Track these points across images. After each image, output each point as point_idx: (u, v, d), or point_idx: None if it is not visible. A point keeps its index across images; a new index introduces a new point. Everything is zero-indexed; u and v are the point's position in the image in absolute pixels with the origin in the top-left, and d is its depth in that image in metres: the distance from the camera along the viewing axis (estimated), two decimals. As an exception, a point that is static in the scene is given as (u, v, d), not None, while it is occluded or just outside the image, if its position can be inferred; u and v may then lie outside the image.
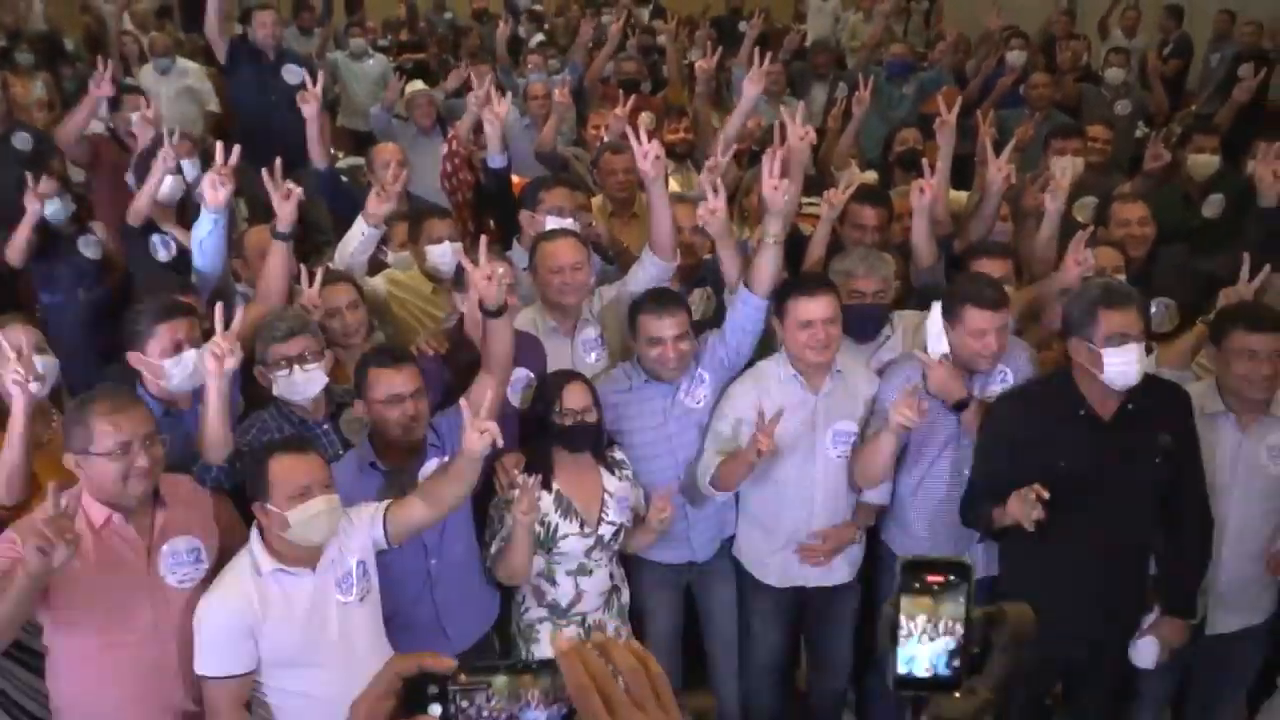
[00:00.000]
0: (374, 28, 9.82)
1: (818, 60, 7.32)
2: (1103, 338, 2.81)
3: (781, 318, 3.20)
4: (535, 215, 3.90)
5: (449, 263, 3.72)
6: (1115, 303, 2.83)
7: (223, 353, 2.73)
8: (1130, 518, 2.98)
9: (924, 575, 0.96)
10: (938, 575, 0.97)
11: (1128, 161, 5.52)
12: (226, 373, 2.75)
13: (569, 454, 3.13)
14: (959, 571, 0.97)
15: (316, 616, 2.62)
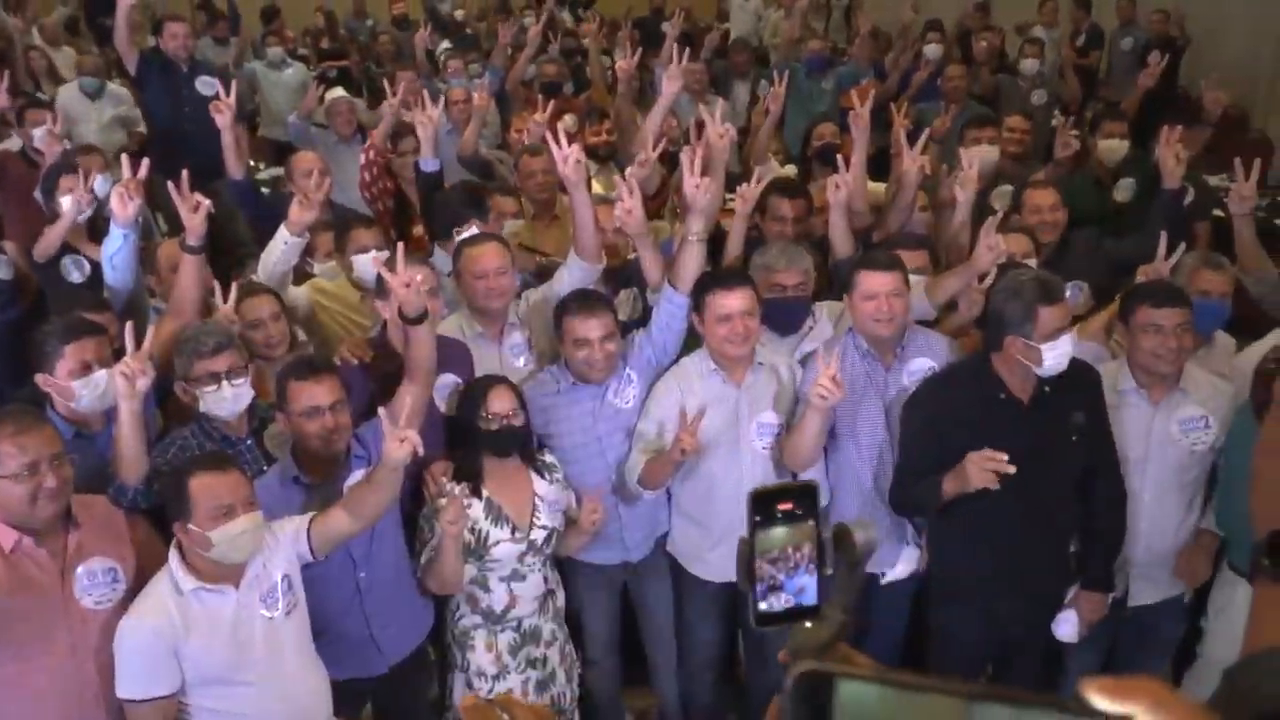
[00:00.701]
0: (292, 36, 9.69)
1: (738, 58, 7.38)
2: (1042, 334, 2.88)
3: (700, 313, 3.22)
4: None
5: (375, 272, 3.69)
6: (1053, 299, 2.91)
7: (133, 373, 2.67)
8: (1051, 497, 3.05)
9: (774, 506, 0.94)
10: (786, 503, 0.94)
11: (1045, 150, 5.63)
12: (138, 393, 2.69)
13: (497, 459, 3.11)
14: (806, 495, 0.95)
15: (241, 633, 2.57)
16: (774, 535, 0.94)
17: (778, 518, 0.93)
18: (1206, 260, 3.50)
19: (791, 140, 6.29)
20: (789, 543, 0.94)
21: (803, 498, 0.95)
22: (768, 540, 0.93)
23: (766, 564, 0.93)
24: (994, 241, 3.32)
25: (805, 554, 0.94)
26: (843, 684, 0.58)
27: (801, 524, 0.94)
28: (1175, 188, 4.01)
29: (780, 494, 0.94)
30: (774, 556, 0.94)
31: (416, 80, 6.30)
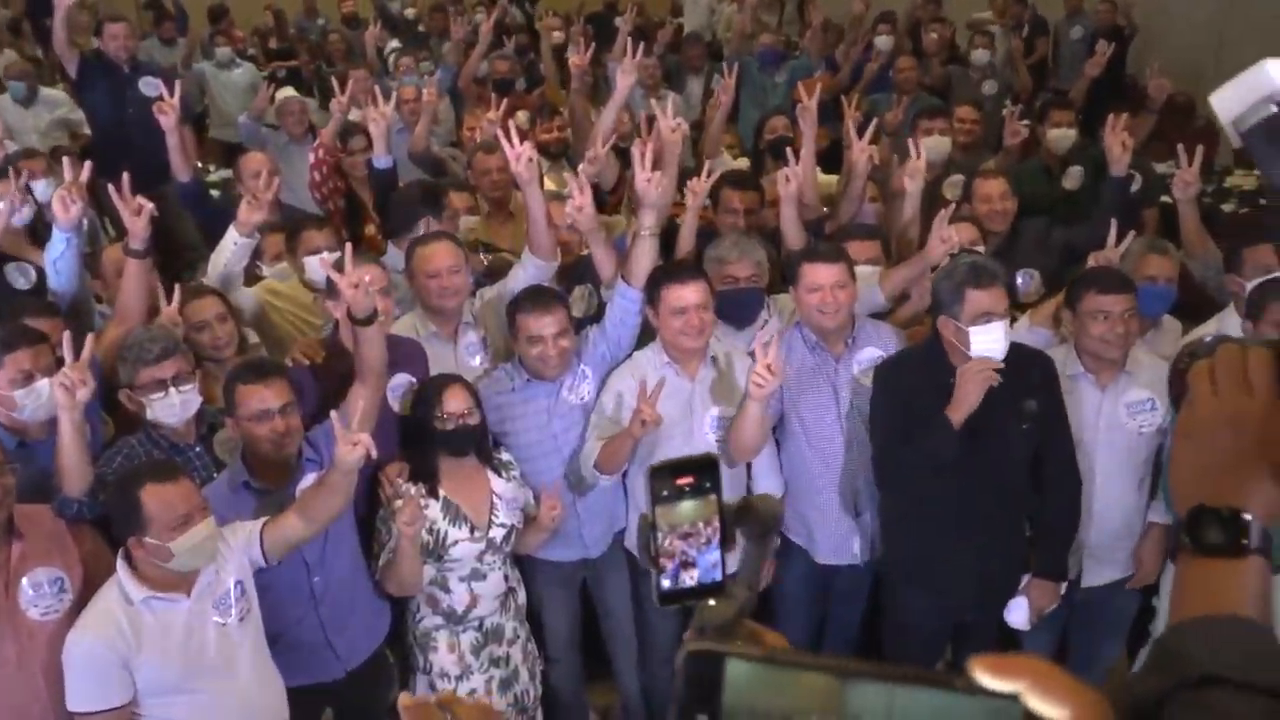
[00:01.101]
0: (241, 36, 9.57)
1: (692, 53, 7.38)
2: (969, 316, 2.92)
3: (655, 306, 3.22)
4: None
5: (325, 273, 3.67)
6: (982, 282, 2.94)
7: (72, 383, 2.60)
8: (1003, 483, 3.08)
9: (673, 479, 0.91)
10: (687, 476, 0.91)
11: (996, 140, 5.68)
12: (78, 403, 2.62)
13: (454, 459, 3.10)
14: (707, 468, 0.92)
15: (194, 641, 2.54)
16: (676, 510, 0.91)
17: (679, 492, 0.91)
18: (1152, 246, 3.56)
19: (745, 134, 6.29)
20: (691, 518, 0.91)
21: (704, 471, 0.92)
22: (669, 516, 0.90)
23: (668, 541, 0.91)
24: (946, 233, 3.35)
25: (709, 529, 0.92)
26: (730, 662, 0.58)
27: (704, 498, 0.91)
28: (1122, 175, 4.06)
29: (680, 467, 0.91)
30: (676, 533, 0.91)
31: (368, 79, 6.24)
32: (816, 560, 3.46)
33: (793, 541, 3.50)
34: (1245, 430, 0.89)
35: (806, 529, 3.44)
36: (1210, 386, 0.91)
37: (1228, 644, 0.78)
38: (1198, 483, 0.90)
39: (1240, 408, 0.89)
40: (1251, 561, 0.85)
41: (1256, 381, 0.89)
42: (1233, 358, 0.91)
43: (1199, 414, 0.92)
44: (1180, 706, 0.76)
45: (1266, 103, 0.91)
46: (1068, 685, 0.54)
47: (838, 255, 3.26)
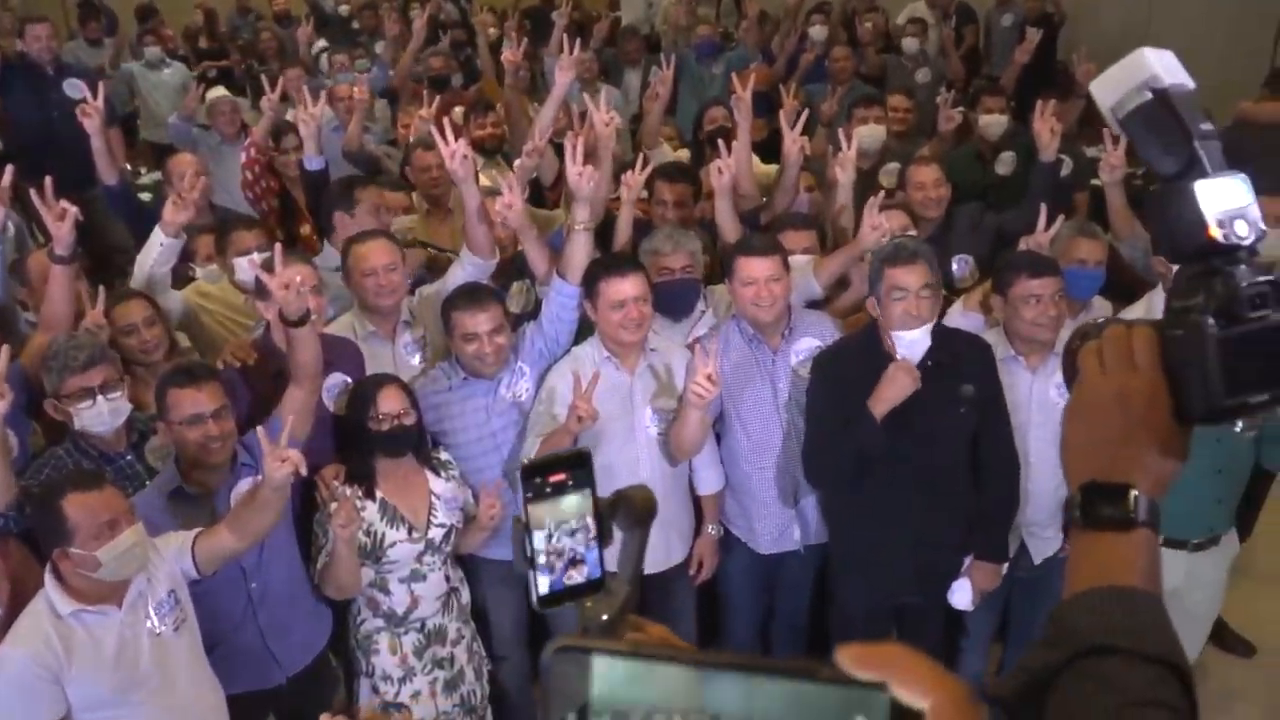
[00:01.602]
0: (171, 36, 9.39)
1: (629, 46, 7.37)
2: (886, 291, 2.97)
3: (593, 300, 3.21)
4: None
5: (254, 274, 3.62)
6: (899, 260, 2.98)
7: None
8: (941, 467, 3.11)
9: (545, 477, 0.90)
10: (559, 474, 0.90)
11: (931, 127, 5.73)
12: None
13: (390, 459, 3.07)
14: (580, 464, 0.90)
15: (128, 653, 2.50)
16: (549, 509, 0.89)
17: (551, 490, 0.89)
18: (1081, 229, 3.61)
19: (685, 125, 6.30)
20: (565, 516, 0.89)
21: (576, 466, 0.90)
22: (542, 515, 0.88)
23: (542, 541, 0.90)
24: (877, 220, 3.38)
25: (584, 527, 0.90)
26: (596, 659, 0.57)
27: (577, 495, 0.89)
28: (1051, 160, 4.12)
29: (551, 465, 0.89)
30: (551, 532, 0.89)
31: (300, 77, 6.15)
32: (759, 551, 3.48)
33: (734, 534, 3.51)
34: (1131, 406, 0.90)
35: (747, 520, 3.46)
36: (1098, 366, 0.93)
37: (1117, 615, 0.80)
38: (1088, 459, 0.91)
39: (1126, 385, 0.91)
40: (1139, 534, 0.87)
41: (1140, 359, 0.91)
42: (1119, 337, 0.93)
43: (1087, 392, 0.94)
44: (1072, 676, 0.77)
45: (1142, 89, 0.93)
46: (931, 674, 0.54)
47: (771, 248, 3.28)
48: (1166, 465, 0.91)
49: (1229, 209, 0.91)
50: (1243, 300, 0.90)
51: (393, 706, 3.12)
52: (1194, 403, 0.91)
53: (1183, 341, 0.91)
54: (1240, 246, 0.91)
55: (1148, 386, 0.91)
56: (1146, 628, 0.80)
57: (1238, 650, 4.11)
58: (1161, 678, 0.77)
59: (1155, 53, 0.93)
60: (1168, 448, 0.91)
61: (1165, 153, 0.92)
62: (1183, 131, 0.91)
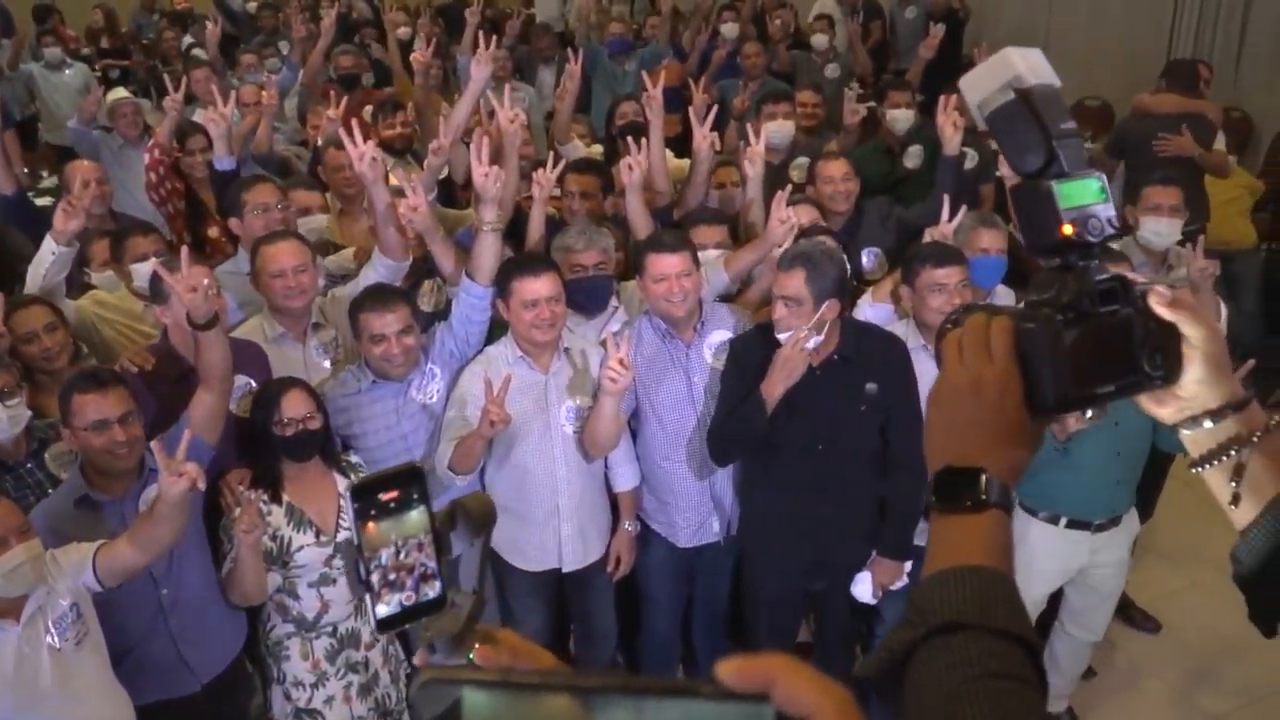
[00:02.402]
0: (73, 36, 9.15)
1: (542, 43, 7.35)
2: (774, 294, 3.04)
3: (505, 300, 3.21)
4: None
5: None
6: (782, 265, 3.04)
7: None
8: (845, 459, 3.15)
9: (376, 496, 0.86)
10: (390, 491, 0.86)
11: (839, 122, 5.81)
12: None
13: (297, 463, 3.03)
14: (412, 480, 0.88)
15: (26, 669, 2.43)
16: (383, 529, 0.86)
17: (384, 509, 0.86)
18: (983, 220, 3.70)
19: (598, 122, 6.31)
20: (401, 534, 0.87)
21: (408, 483, 0.88)
22: (376, 536, 0.86)
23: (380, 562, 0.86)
24: (784, 214, 3.42)
25: (421, 543, 0.88)
26: (467, 693, 0.56)
27: (411, 511, 0.87)
28: (955, 154, 4.20)
29: (381, 483, 0.87)
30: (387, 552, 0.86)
31: (207, 78, 6.03)
32: (678, 545, 3.50)
33: (652, 529, 3.53)
34: (985, 395, 0.93)
35: (667, 515, 3.48)
36: (957, 354, 0.96)
37: (966, 592, 0.83)
38: (944, 445, 0.94)
39: (981, 374, 0.94)
40: (991, 514, 0.89)
41: (996, 349, 0.94)
42: (978, 327, 0.96)
43: (946, 380, 0.97)
44: (925, 653, 0.80)
45: (1006, 89, 0.95)
46: (812, 682, 0.55)
47: (681, 244, 3.30)
48: (1018, 453, 0.93)
49: (1083, 207, 0.94)
50: (1093, 295, 0.93)
51: (305, 713, 3.08)
52: (1044, 393, 0.94)
53: (1035, 334, 0.94)
54: (1093, 244, 0.94)
55: (1001, 376, 0.93)
56: (995, 602, 0.82)
57: (1145, 627, 4.24)
58: (1008, 650, 0.79)
59: (1021, 53, 0.96)
60: (1019, 437, 0.94)
61: (1026, 150, 0.95)
62: (1043, 131, 0.94)
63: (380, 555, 0.86)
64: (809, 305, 2.99)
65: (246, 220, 3.82)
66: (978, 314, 0.97)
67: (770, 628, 3.44)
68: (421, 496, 0.87)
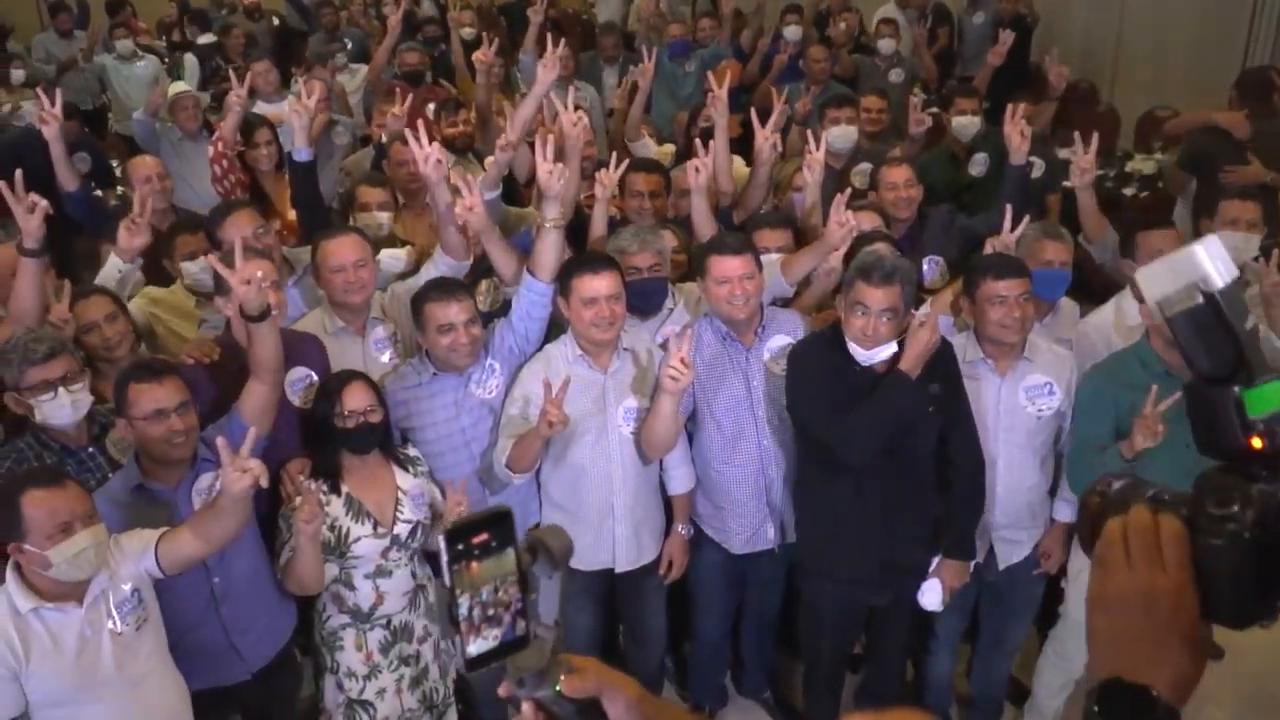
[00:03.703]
0: (145, 28, 9.32)
1: (606, 43, 7.36)
2: (850, 304, 2.98)
3: (566, 297, 3.21)
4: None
5: (208, 277, 3.61)
6: (873, 277, 2.96)
7: None
8: (909, 465, 3.11)
9: (469, 539, 0.89)
10: (482, 534, 0.90)
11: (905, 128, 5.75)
12: None
13: (356, 455, 3.05)
14: (501, 523, 0.91)
15: (88, 651, 2.47)
16: (475, 571, 0.89)
17: (475, 552, 0.89)
18: (1047, 231, 3.62)
19: (660, 123, 6.31)
20: (492, 575, 0.90)
21: (498, 525, 0.91)
22: (469, 578, 0.89)
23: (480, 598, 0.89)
24: (843, 218, 3.38)
25: (508, 584, 0.91)
26: None
27: (501, 554, 0.90)
28: (1021, 163, 4.13)
29: (474, 527, 0.90)
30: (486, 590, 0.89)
31: (269, 71, 6.11)
32: (732, 551, 3.48)
33: (706, 533, 3.51)
34: (1157, 606, 0.90)
35: (721, 520, 3.46)
36: (1124, 556, 0.92)
37: None
38: (1111, 654, 0.91)
39: (1153, 584, 0.91)
40: None
41: (1169, 557, 0.91)
42: (1145, 528, 0.92)
43: (1112, 585, 0.93)
44: None
45: (1193, 290, 0.91)
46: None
47: (744, 246, 3.28)
48: (1190, 669, 0.91)
49: (1271, 415, 0.90)
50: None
51: (357, 704, 3.10)
52: (1226, 609, 0.91)
53: (1220, 551, 0.90)
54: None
55: (1175, 588, 0.90)
56: None
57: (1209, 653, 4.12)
58: None
59: (1206, 250, 0.91)
60: (1193, 651, 0.91)
61: (1213, 357, 0.91)
62: (1233, 340, 0.90)
63: (481, 593, 0.89)
64: (900, 318, 2.98)
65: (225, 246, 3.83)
66: (1142, 509, 0.93)
67: (831, 644, 3.42)
68: (510, 537, 0.89)
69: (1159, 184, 6.52)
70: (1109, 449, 3.07)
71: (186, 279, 3.73)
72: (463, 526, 0.89)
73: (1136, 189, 6.65)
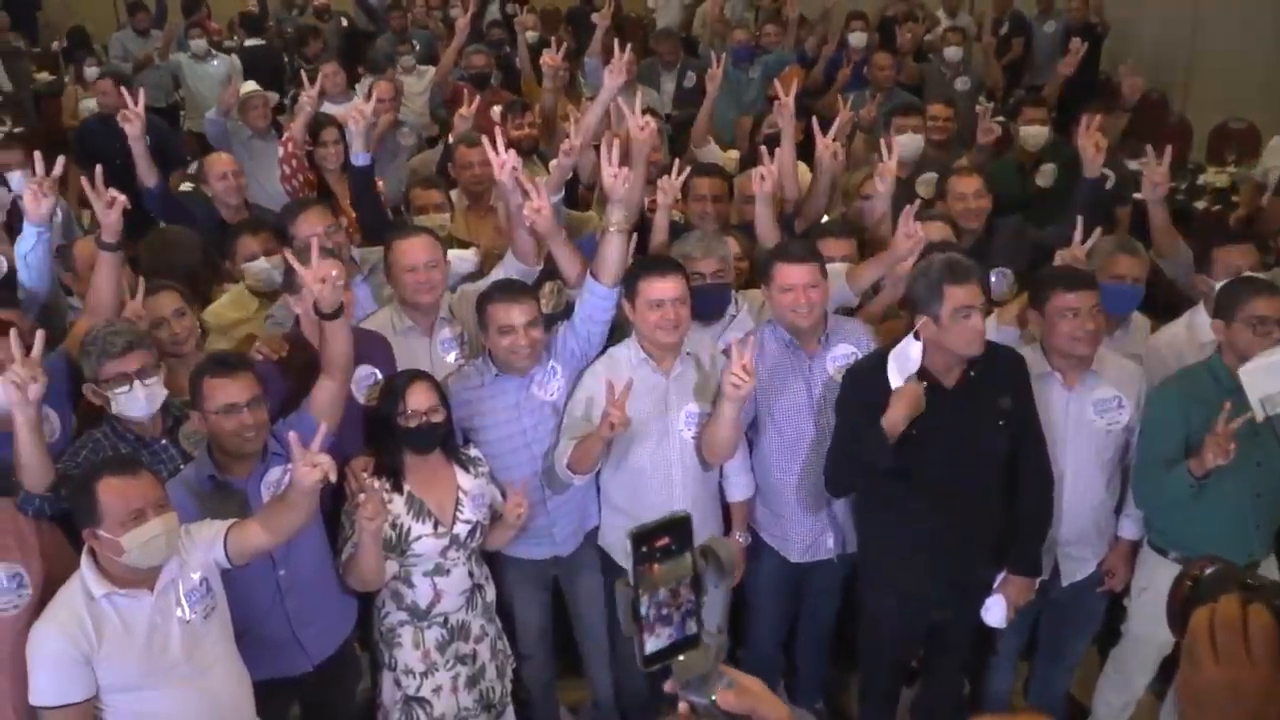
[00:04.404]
0: (219, 28, 9.51)
1: (664, 49, 7.37)
2: (949, 312, 2.92)
3: (631, 300, 3.21)
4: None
5: (271, 276, 3.71)
6: (958, 278, 2.93)
7: (23, 381, 2.53)
8: (978, 480, 3.08)
9: (653, 543, 0.95)
10: (663, 538, 0.95)
11: (970, 137, 5.71)
12: (31, 400, 2.55)
13: (418, 454, 3.08)
14: (681, 528, 0.95)
15: (157, 637, 2.52)
16: (663, 571, 0.94)
17: (657, 555, 0.93)
18: (1121, 245, 3.56)
19: (722, 129, 6.30)
20: (670, 577, 0.94)
21: (678, 531, 0.95)
22: (658, 577, 0.94)
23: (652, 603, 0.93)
24: (912, 229, 3.35)
25: (684, 585, 0.94)
26: None
27: (679, 557, 0.95)
28: (1095, 176, 4.06)
29: (657, 531, 0.95)
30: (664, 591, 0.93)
31: (337, 72, 6.21)
32: (790, 559, 3.47)
33: (765, 541, 3.50)
34: (1245, 699, 0.91)
35: (780, 528, 3.45)
36: (1210, 650, 0.93)
37: None
38: None
39: (1241, 679, 0.91)
40: None
41: (1257, 651, 0.91)
42: (1233, 619, 0.92)
43: (1201, 678, 0.93)
44: None
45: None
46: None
47: (810, 255, 3.26)
48: None
49: None
50: None
51: (414, 700, 3.14)
52: None
53: None
54: None
55: (1264, 682, 0.90)
56: None
57: None
58: None
59: None
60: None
61: None
62: None
63: (659, 593, 0.95)
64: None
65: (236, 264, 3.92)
66: (1231, 600, 0.93)
67: (890, 658, 3.39)
68: (688, 542, 0.95)
69: (1232, 197, 6.39)
70: (1177, 466, 3.02)
71: (249, 279, 3.80)
72: (646, 531, 0.95)
73: (1208, 202, 6.52)
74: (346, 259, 3.71)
